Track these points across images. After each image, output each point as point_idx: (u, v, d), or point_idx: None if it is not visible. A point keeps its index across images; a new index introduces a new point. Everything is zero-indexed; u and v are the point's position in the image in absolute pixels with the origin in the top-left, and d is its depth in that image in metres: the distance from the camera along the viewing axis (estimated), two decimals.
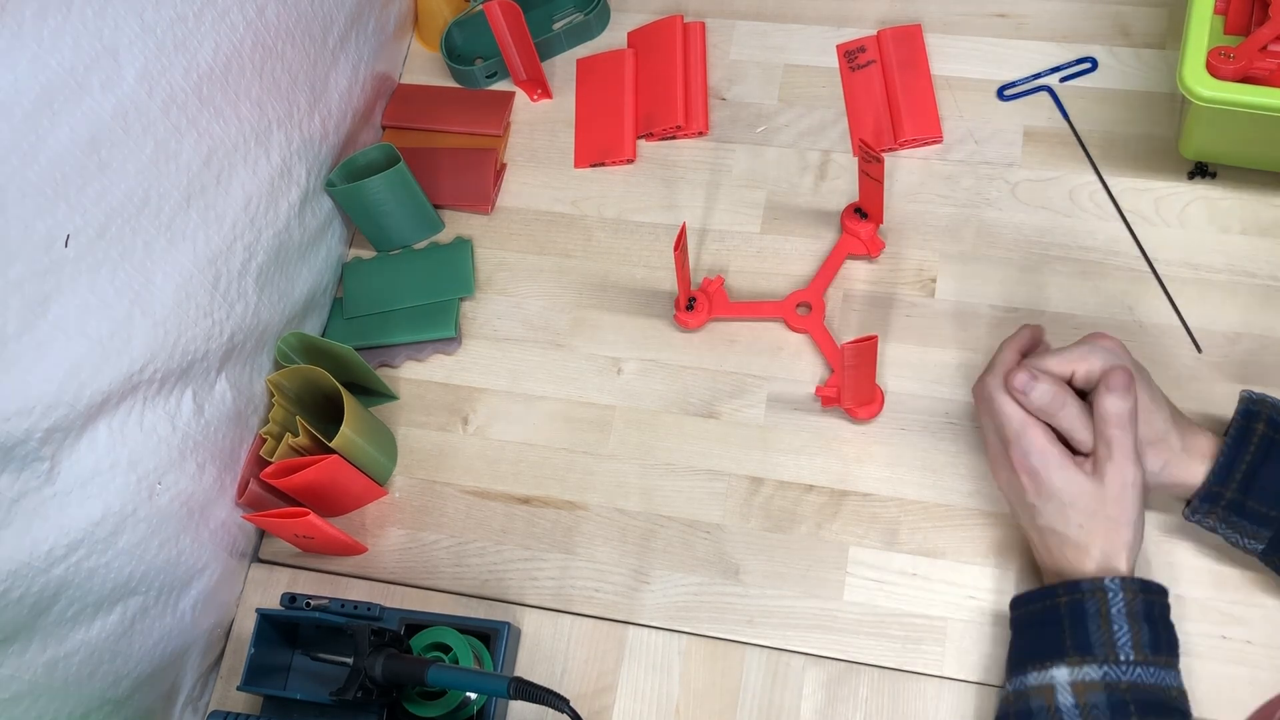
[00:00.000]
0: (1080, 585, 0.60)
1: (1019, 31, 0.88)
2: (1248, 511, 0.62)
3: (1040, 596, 0.62)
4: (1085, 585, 0.60)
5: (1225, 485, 0.62)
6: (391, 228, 0.86)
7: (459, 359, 0.84)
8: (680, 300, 0.80)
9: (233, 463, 0.75)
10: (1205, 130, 0.75)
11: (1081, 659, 0.58)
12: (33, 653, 0.58)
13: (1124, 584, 0.60)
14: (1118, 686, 0.58)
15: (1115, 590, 0.60)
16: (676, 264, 0.74)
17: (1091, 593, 0.60)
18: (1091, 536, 0.61)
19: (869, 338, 0.67)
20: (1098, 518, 0.61)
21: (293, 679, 0.73)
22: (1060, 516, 0.62)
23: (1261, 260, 0.77)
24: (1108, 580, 0.60)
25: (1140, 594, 0.60)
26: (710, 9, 0.93)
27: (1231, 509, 0.63)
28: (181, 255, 0.66)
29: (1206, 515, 0.64)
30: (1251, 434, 0.62)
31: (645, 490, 0.77)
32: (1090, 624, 0.59)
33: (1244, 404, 0.64)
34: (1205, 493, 0.63)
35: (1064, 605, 0.61)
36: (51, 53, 0.53)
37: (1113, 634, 0.59)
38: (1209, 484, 0.63)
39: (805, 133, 0.87)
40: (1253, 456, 0.62)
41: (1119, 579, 0.60)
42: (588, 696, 0.72)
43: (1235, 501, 0.62)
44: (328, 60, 0.80)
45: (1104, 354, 0.64)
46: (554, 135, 0.91)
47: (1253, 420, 0.63)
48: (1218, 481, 0.62)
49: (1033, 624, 0.62)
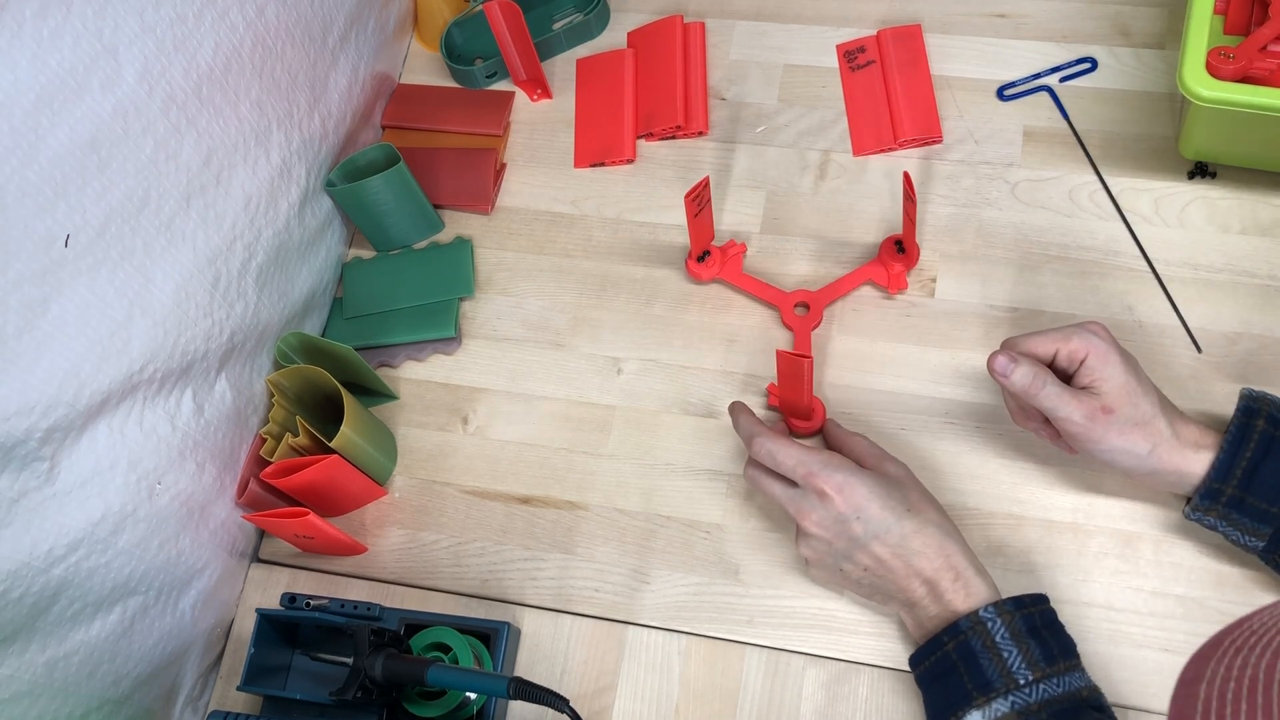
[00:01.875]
0: (959, 625, 0.61)
1: (1019, 31, 0.88)
2: (1248, 508, 0.62)
3: (930, 649, 0.63)
4: (963, 624, 0.61)
5: (1226, 482, 0.62)
6: (391, 228, 0.86)
7: (459, 359, 0.84)
8: (694, 250, 0.81)
9: (233, 463, 0.75)
10: (1205, 130, 0.75)
11: (987, 697, 0.59)
12: (33, 653, 0.58)
13: (998, 609, 0.60)
14: (1029, 710, 0.58)
15: (992, 618, 0.60)
16: (688, 213, 0.75)
17: (972, 629, 0.60)
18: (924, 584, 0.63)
19: (803, 355, 0.68)
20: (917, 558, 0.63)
21: (293, 679, 0.73)
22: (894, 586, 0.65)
23: (1261, 260, 0.77)
24: (982, 611, 0.60)
25: (1016, 612, 0.60)
26: (710, 9, 0.93)
27: (1232, 506, 0.63)
28: (181, 255, 0.66)
29: (1207, 512, 0.64)
30: (1252, 430, 0.62)
31: (645, 490, 0.77)
32: (982, 659, 0.59)
33: (1244, 400, 0.64)
34: (1206, 489, 0.63)
35: (953, 650, 0.61)
36: (51, 53, 0.53)
37: (1005, 662, 0.59)
38: (1209, 480, 0.63)
39: (805, 133, 0.87)
40: (1253, 453, 0.62)
41: (992, 606, 0.60)
42: (588, 696, 0.72)
43: (1235, 498, 0.62)
44: (328, 60, 0.80)
45: (1086, 337, 0.64)
46: (554, 135, 0.91)
47: (1253, 417, 0.63)
48: (1218, 478, 0.62)
49: (935, 677, 0.62)
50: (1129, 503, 0.72)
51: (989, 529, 0.72)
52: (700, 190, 0.74)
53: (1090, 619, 0.69)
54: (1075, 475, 0.73)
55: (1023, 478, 0.73)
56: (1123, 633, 0.69)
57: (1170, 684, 0.66)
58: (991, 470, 0.74)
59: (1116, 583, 0.70)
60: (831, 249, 0.83)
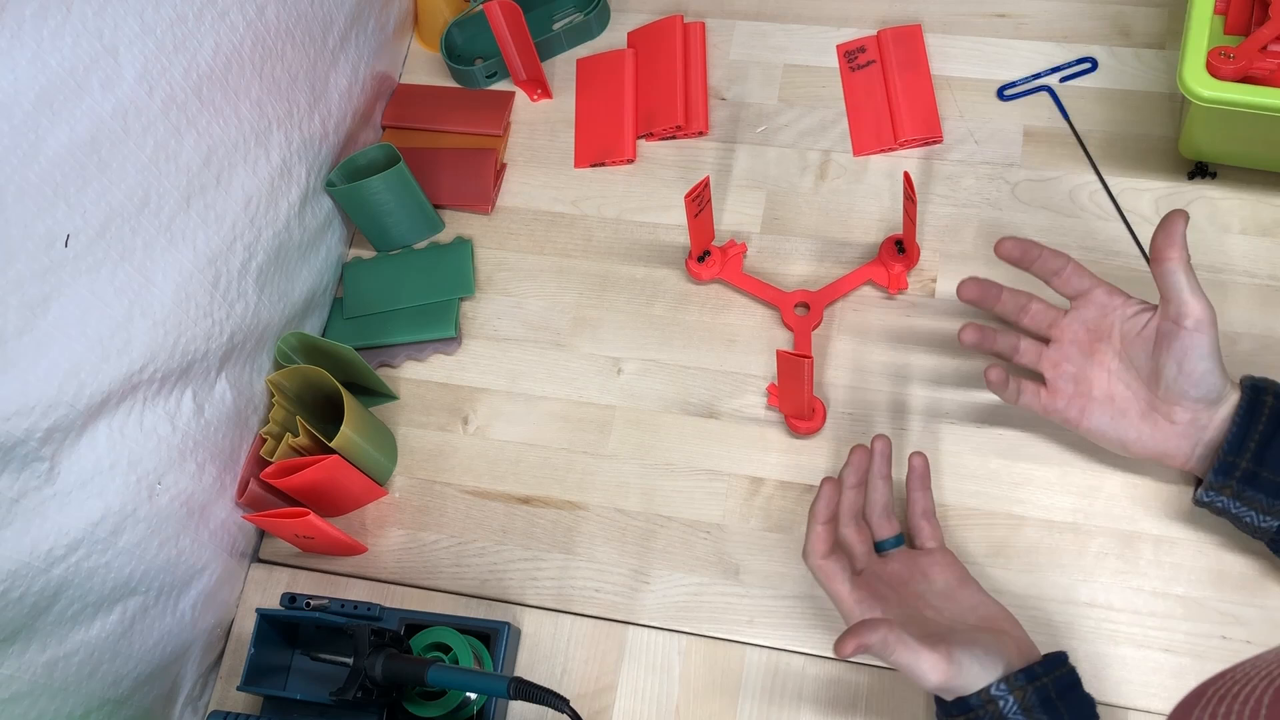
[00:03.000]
0: (970, 703, 0.58)
1: (1019, 31, 0.88)
2: (1262, 483, 0.61)
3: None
4: (974, 701, 0.58)
5: (1240, 455, 0.61)
6: (391, 228, 0.86)
7: (459, 359, 0.84)
8: (694, 250, 0.81)
9: (233, 463, 0.75)
10: (1205, 130, 0.75)
11: None
12: (33, 653, 0.58)
13: (1010, 684, 0.58)
14: None
15: (1005, 696, 0.57)
16: (688, 213, 0.75)
17: (983, 707, 0.58)
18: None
19: (803, 355, 0.67)
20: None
21: (293, 679, 0.73)
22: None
23: (1261, 260, 0.77)
24: (993, 689, 0.58)
25: (1030, 685, 0.58)
26: (710, 9, 0.93)
27: (1246, 481, 0.62)
28: (181, 255, 0.66)
29: (1220, 491, 0.63)
30: (1261, 406, 0.62)
31: (645, 490, 0.77)
32: None
33: (1248, 380, 0.64)
34: (1220, 464, 0.62)
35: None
36: (51, 53, 0.53)
37: None
38: (1223, 454, 0.62)
39: (805, 133, 0.87)
40: (1265, 426, 0.61)
41: (1004, 683, 0.58)
42: (588, 696, 0.72)
43: (1250, 472, 0.61)
44: (328, 60, 0.80)
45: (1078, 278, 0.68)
46: (554, 135, 0.91)
47: (1260, 394, 0.62)
48: (1232, 451, 0.62)
49: None
50: (1129, 503, 0.72)
51: (990, 529, 0.72)
52: (700, 190, 0.74)
53: (1090, 619, 0.69)
54: (1075, 475, 0.73)
55: (1023, 478, 0.73)
56: (1123, 633, 0.69)
57: (1171, 684, 0.67)
58: (992, 470, 0.74)
59: (1117, 583, 0.70)
60: (832, 249, 0.83)
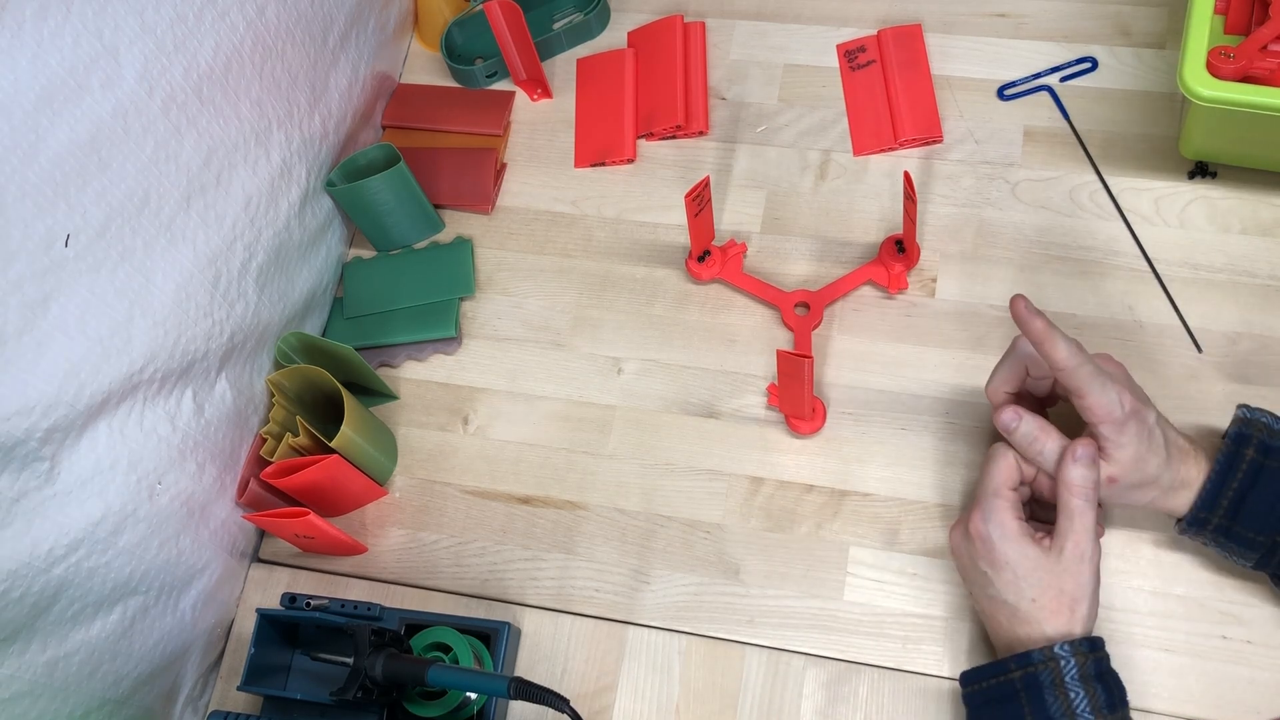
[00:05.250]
0: (1032, 656, 0.59)
1: (1019, 31, 0.88)
2: (1235, 535, 0.62)
3: (993, 671, 0.62)
4: (1037, 656, 0.59)
5: (1212, 512, 0.62)
6: (391, 227, 0.86)
7: (459, 359, 0.84)
8: (694, 250, 0.81)
9: (233, 463, 0.75)
10: (1205, 130, 0.75)
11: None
12: (33, 653, 0.58)
13: (1074, 649, 0.59)
14: None
15: (1067, 657, 0.59)
16: (688, 212, 0.75)
17: (1045, 663, 0.59)
18: (1043, 611, 0.61)
19: (803, 355, 0.67)
20: (1050, 591, 0.61)
21: (293, 679, 0.73)
22: (1013, 588, 0.61)
23: (1261, 260, 0.77)
24: (1058, 648, 0.59)
25: (1090, 655, 0.59)
26: (710, 9, 0.93)
27: (1219, 532, 0.63)
28: (181, 255, 0.66)
29: (1195, 535, 0.64)
30: (1240, 460, 0.62)
31: (645, 490, 0.77)
32: (1047, 695, 0.58)
33: (1236, 425, 0.63)
34: (1191, 518, 0.63)
35: (1019, 679, 0.60)
36: (51, 52, 0.53)
37: (1070, 702, 0.58)
38: (1195, 509, 0.62)
39: (805, 133, 0.87)
40: (1240, 483, 0.61)
41: (1068, 644, 0.59)
42: (588, 696, 0.72)
43: (1222, 526, 0.62)
44: (328, 60, 0.80)
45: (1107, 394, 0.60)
46: (554, 135, 0.91)
47: (1242, 445, 0.62)
48: (1203, 508, 0.62)
49: (989, 701, 0.61)
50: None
51: None
52: (700, 190, 0.74)
53: None
54: None
55: None
56: (1123, 632, 0.69)
57: (1171, 684, 0.67)
58: None
59: (1117, 583, 0.70)
60: (832, 249, 0.83)
